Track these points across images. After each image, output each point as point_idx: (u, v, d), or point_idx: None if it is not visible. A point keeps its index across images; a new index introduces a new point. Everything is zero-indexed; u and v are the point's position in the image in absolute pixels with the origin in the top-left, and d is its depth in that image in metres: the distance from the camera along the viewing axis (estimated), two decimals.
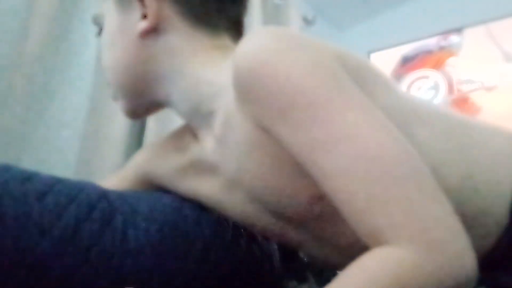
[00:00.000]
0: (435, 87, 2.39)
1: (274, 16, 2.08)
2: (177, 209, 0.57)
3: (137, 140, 1.40)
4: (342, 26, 2.65)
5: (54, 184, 0.48)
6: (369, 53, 2.41)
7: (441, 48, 2.42)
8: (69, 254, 0.44)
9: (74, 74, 1.27)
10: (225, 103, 0.53)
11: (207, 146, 0.58)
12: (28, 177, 0.48)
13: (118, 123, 1.35)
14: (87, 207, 0.48)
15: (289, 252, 0.65)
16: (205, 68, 0.59)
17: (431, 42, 2.44)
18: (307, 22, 2.37)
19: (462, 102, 2.31)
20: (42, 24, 1.23)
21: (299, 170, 0.45)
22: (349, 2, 2.44)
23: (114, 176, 0.81)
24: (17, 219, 0.42)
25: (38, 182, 0.48)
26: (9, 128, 1.14)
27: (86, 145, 1.25)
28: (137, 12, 0.62)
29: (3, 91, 1.13)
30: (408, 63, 2.49)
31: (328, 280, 0.66)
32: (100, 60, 1.31)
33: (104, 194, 0.52)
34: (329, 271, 0.63)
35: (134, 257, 0.48)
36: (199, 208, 0.58)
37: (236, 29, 0.67)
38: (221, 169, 0.56)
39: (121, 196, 0.54)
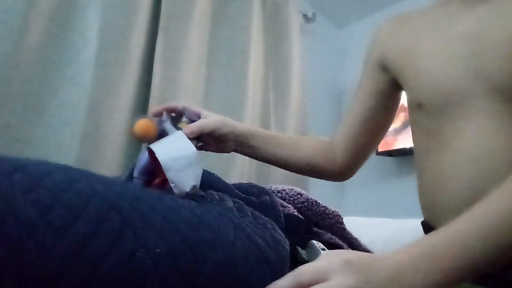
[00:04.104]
0: None
1: (274, 13, 2.08)
2: (195, 227, 0.53)
3: None
4: (342, 23, 2.65)
5: (62, 193, 0.44)
6: None
7: None
8: (72, 276, 0.41)
9: (73, 72, 1.27)
10: None
11: None
12: (32, 188, 0.45)
13: (118, 121, 1.35)
14: (95, 223, 0.44)
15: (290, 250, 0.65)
16: None
17: None
18: (307, 19, 2.37)
19: None
20: (42, 22, 1.23)
21: None
22: None
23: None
24: (17, 235, 0.39)
25: (42, 192, 0.45)
26: (8, 125, 1.14)
27: (85, 143, 1.25)
28: None
29: (2, 89, 1.13)
30: None
31: None
32: (99, 58, 1.32)
33: (115, 203, 0.48)
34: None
35: (139, 279, 0.45)
36: (217, 227, 0.55)
37: None
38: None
39: (136, 205, 0.50)
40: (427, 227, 0.70)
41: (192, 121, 0.76)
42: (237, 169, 1.68)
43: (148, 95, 1.45)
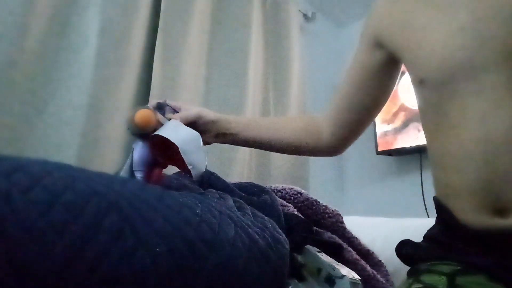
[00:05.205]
0: None
1: (274, 12, 2.08)
2: (195, 226, 0.53)
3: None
4: (342, 22, 2.65)
5: (62, 192, 0.44)
6: None
7: None
8: (72, 275, 0.41)
9: (73, 72, 1.27)
10: None
11: None
12: (31, 187, 0.45)
13: (118, 120, 1.35)
14: (95, 222, 0.44)
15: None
16: None
17: None
18: (307, 19, 2.37)
19: None
20: (42, 22, 1.23)
21: None
22: None
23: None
24: (17, 234, 0.40)
25: (42, 191, 0.45)
26: (8, 125, 1.14)
27: (85, 143, 1.25)
28: None
29: (3, 89, 1.13)
30: None
31: (326, 277, 0.67)
32: (99, 57, 1.32)
33: (114, 202, 0.47)
34: (326, 270, 0.64)
35: (139, 278, 0.45)
36: (217, 226, 0.55)
37: None
38: None
39: (136, 204, 0.50)
40: (439, 205, 0.68)
41: (175, 112, 0.79)
42: (237, 169, 1.68)
43: (148, 95, 1.45)
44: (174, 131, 0.68)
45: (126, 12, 1.41)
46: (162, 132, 0.67)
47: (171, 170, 0.86)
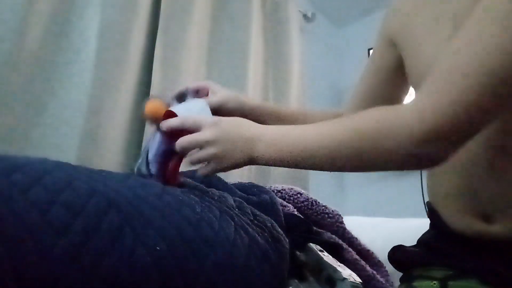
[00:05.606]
0: None
1: (273, 13, 2.08)
2: (195, 225, 0.53)
3: (136, 138, 1.40)
4: (341, 23, 2.65)
5: (61, 192, 0.44)
6: (368, 50, 2.40)
7: None
8: (72, 274, 0.41)
9: (73, 72, 1.27)
10: None
11: None
12: (31, 187, 0.44)
13: (118, 120, 1.35)
14: (95, 221, 0.44)
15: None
16: None
17: None
18: (307, 19, 2.37)
19: None
20: (41, 22, 1.23)
21: None
22: None
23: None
24: (17, 234, 0.40)
25: (42, 191, 0.44)
26: (8, 125, 1.14)
27: (85, 143, 1.25)
28: None
29: (2, 89, 1.13)
30: None
31: (327, 278, 0.67)
32: (99, 57, 1.32)
33: (114, 201, 0.47)
34: (328, 271, 0.64)
35: (139, 277, 0.45)
36: (217, 225, 0.55)
37: None
38: None
39: (135, 202, 0.50)
40: (430, 209, 0.70)
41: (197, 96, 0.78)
42: (237, 169, 1.67)
43: (148, 95, 1.45)
44: (186, 106, 0.69)
45: (126, 12, 1.41)
46: (172, 107, 0.68)
47: None
